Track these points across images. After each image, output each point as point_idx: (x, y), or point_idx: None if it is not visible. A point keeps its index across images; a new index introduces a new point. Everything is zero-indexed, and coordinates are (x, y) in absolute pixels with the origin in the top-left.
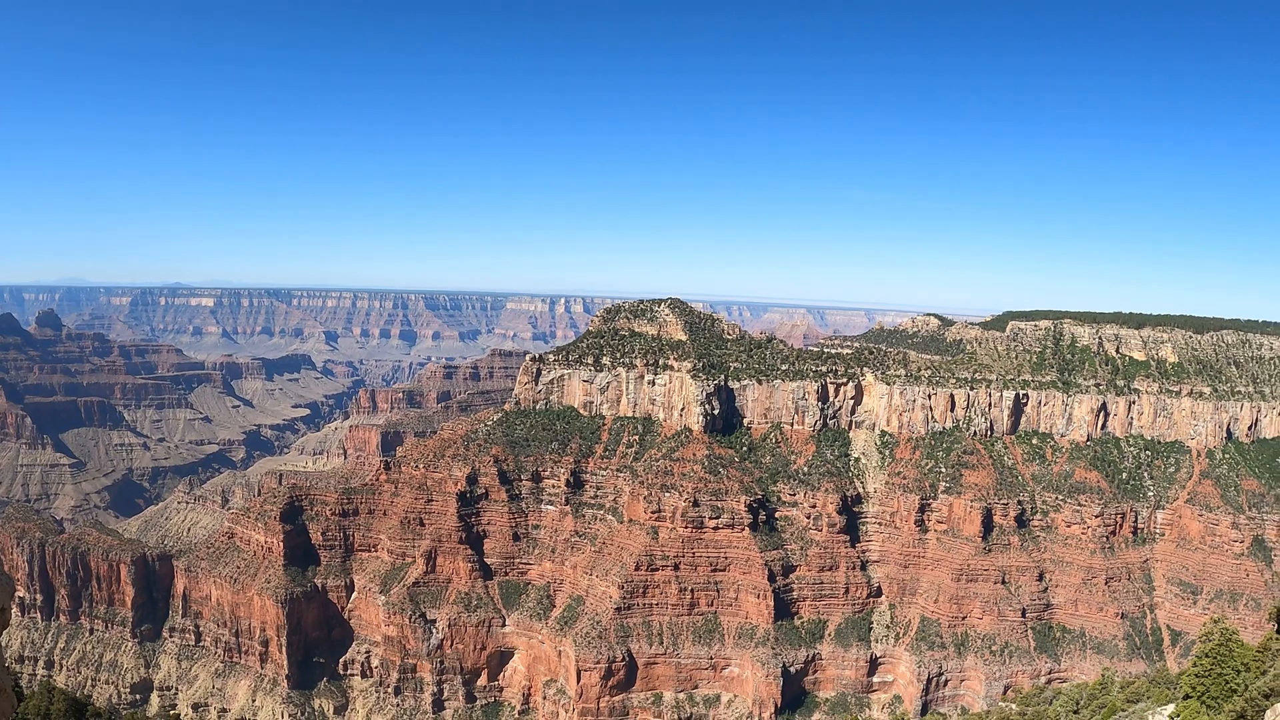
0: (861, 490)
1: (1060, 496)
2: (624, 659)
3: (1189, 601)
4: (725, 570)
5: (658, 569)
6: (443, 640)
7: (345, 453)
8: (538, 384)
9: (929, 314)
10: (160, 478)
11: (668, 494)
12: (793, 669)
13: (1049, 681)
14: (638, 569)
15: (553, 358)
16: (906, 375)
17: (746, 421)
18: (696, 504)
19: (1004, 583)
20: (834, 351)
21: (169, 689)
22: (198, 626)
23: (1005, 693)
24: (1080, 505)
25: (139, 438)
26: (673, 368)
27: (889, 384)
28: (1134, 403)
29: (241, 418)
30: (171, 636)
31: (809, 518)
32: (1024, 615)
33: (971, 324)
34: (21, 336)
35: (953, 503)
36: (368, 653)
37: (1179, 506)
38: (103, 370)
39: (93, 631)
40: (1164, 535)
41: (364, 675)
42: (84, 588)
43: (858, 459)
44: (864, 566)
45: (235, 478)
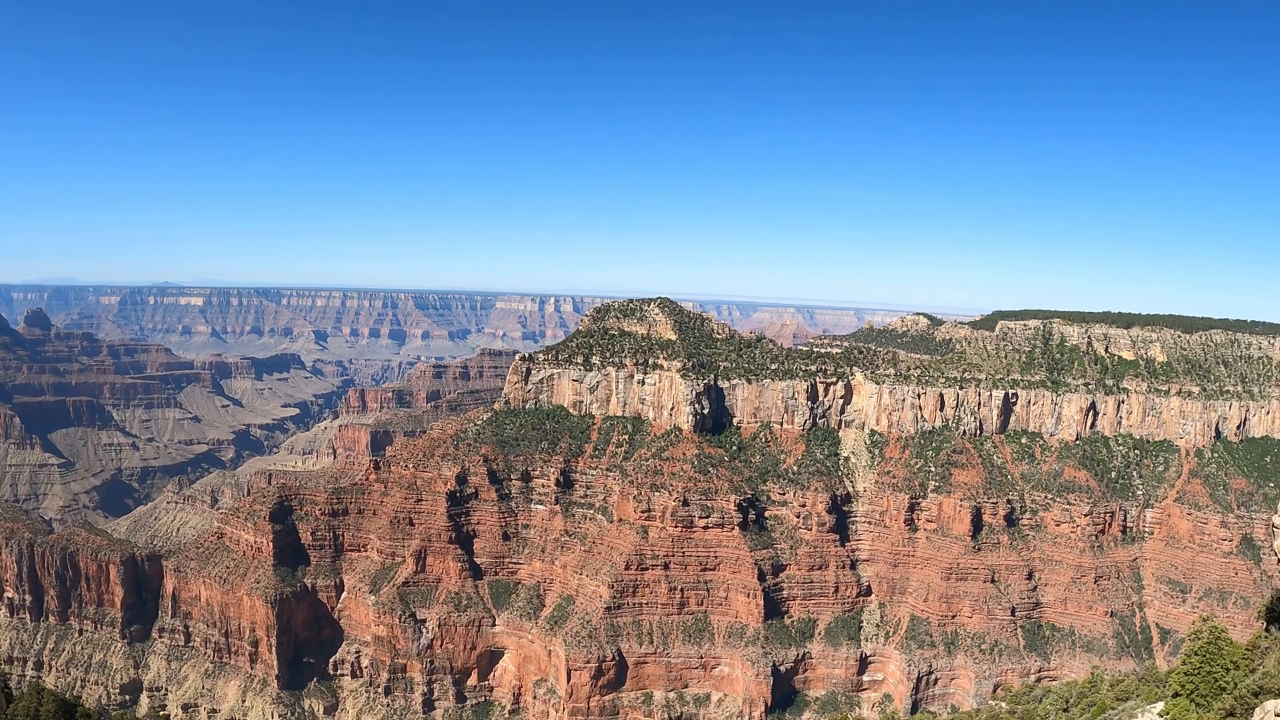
0: (851, 489)
1: (1049, 495)
2: (614, 658)
3: (1178, 600)
4: (715, 569)
5: (647, 568)
6: (433, 640)
7: (335, 452)
8: (527, 383)
9: (918, 314)
10: (149, 478)
11: (657, 493)
12: (783, 668)
13: (1038, 680)
14: (627, 568)
15: (542, 357)
16: (896, 375)
17: (736, 421)
18: (686, 503)
19: (993, 581)
20: (823, 351)
21: (158, 689)
22: (187, 627)
23: (995, 691)
24: (1069, 504)
25: (128, 437)
26: (662, 367)
27: (878, 383)
28: (1123, 402)
29: (231, 417)
30: (161, 637)
31: (799, 517)
32: (1013, 614)
33: (961, 324)
34: (10, 336)
35: (942, 502)
36: (358, 653)
37: (1168, 505)
38: (91, 370)
39: (82, 632)
40: (1153, 534)
41: (354, 675)
42: (73, 588)
43: (847, 458)
44: (854, 565)
45: (224, 477)
